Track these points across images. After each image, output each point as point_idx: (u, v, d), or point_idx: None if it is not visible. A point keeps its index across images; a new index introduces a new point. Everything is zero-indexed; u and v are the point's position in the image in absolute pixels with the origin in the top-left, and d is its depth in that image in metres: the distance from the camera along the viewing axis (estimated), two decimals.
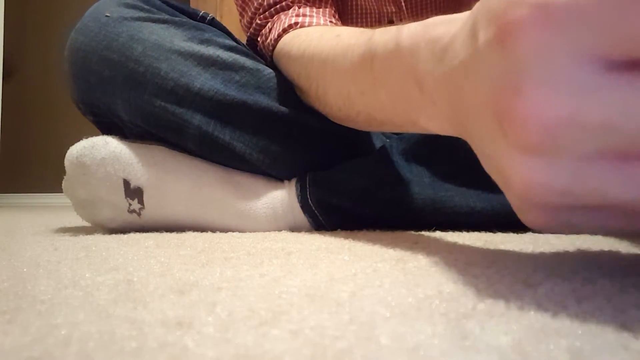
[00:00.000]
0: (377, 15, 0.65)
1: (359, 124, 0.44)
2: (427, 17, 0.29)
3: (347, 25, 0.63)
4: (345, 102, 0.44)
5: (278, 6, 0.57)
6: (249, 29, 0.60)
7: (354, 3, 0.64)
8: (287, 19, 0.55)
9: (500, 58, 0.18)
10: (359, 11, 0.64)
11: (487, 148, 0.21)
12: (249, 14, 0.60)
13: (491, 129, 0.19)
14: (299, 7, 0.56)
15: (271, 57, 0.57)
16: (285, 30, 0.54)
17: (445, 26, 0.28)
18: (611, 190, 0.16)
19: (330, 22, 0.55)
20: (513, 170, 0.18)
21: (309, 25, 0.54)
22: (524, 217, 0.20)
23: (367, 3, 0.64)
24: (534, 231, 0.50)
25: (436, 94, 0.28)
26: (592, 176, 0.17)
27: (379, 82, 0.36)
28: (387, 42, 0.34)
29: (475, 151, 0.23)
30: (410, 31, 0.31)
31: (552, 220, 0.20)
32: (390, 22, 0.65)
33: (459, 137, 0.27)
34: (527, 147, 0.17)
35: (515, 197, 0.19)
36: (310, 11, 0.55)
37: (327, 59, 0.44)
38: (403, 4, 0.63)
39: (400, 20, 0.64)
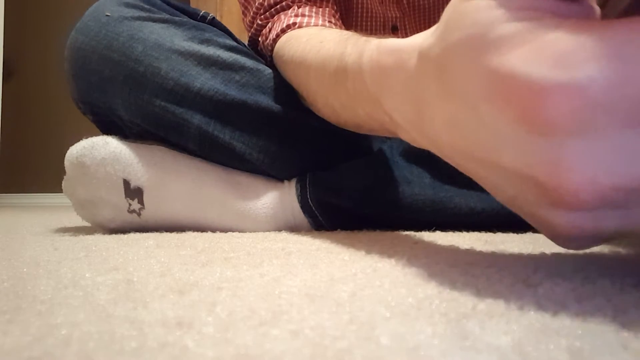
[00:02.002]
0: (381, 20, 0.64)
1: (351, 129, 0.44)
2: (432, 24, 0.28)
3: (352, 28, 0.63)
4: (332, 112, 0.43)
5: (278, 6, 0.57)
6: (251, 28, 0.60)
7: (359, 6, 0.63)
8: (286, 19, 0.55)
9: (519, 131, 0.16)
10: (364, 15, 0.64)
11: (518, 203, 0.20)
12: (251, 13, 0.60)
13: (521, 191, 0.18)
14: (299, 7, 0.56)
15: (271, 57, 0.57)
16: (283, 31, 0.54)
17: (393, 56, 0.27)
18: None
19: (329, 22, 0.55)
20: (559, 223, 0.18)
21: (306, 26, 0.53)
22: (567, 247, 0.20)
23: (372, 6, 0.64)
24: (534, 231, 0.50)
25: (414, 132, 0.26)
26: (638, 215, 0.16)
27: (354, 99, 0.35)
28: (355, 62, 0.33)
29: (492, 194, 0.22)
30: (369, 54, 0.30)
31: (597, 243, 0.20)
32: (394, 28, 0.65)
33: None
34: (578, 208, 0.16)
35: (562, 241, 0.19)
36: (309, 11, 0.55)
37: (310, 67, 0.44)
38: (407, 9, 0.63)
39: (404, 25, 0.64)
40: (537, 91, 0.15)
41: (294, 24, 0.54)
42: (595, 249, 0.35)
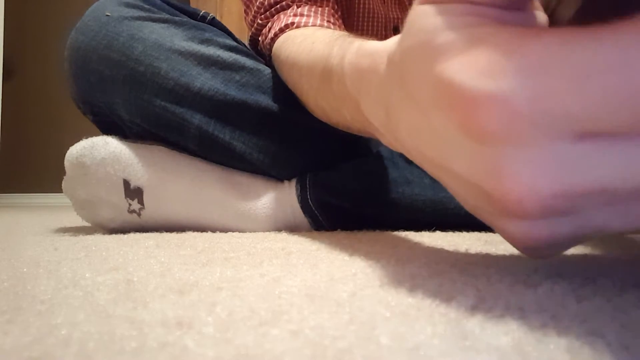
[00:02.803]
0: (383, 20, 0.64)
1: (343, 130, 0.43)
2: None
3: (354, 29, 0.63)
4: (322, 113, 0.43)
5: (278, 6, 0.57)
6: (252, 27, 0.60)
7: (361, 7, 0.63)
8: (285, 19, 0.55)
9: (464, 139, 0.16)
10: (366, 15, 0.64)
11: (479, 212, 0.20)
12: (252, 12, 0.60)
13: (477, 201, 0.18)
14: (298, 7, 0.56)
15: (270, 57, 0.57)
16: (282, 30, 0.54)
17: (369, 59, 0.26)
18: (615, 226, 0.16)
19: (328, 21, 0.55)
20: (509, 231, 0.18)
21: (304, 25, 0.53)
22: (533, 256, 0.20)
23: (374, 7, 0.64)
24: None
25: (388, 136, 0.26)
26: (594, 220, 0.16)
27: (338, 101, 0.35)
28: (338, 64, 0.33)
29: (460, 202, 0.21)
30: (350, 56, 0.30)
31: (558, 252, 0.20)
32: (396, 29, 0.65)
33: None
34: (526, 218, 0.16)
35: (524, 251, 0.19)
36: (308, 10, 0.55)
37: (302, 69, 0.44)
38: (409, 10, 0.63)
39: None
40: (470, 100, 0.15)
41: (292, 23, 0.53)
42: (595, 249, 0.35)
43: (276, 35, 0.54)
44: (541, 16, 0.19)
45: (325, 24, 0.54)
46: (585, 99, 0.13)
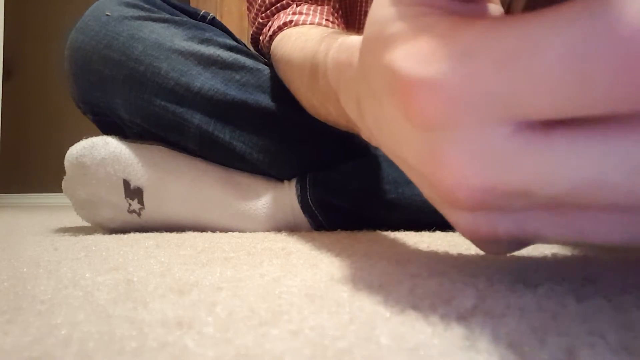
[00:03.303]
0: None
1: (335, 127, 0.43)
2: None
3: (355, 28, 0.63)
4: (314, 110, 0.43)
5: (279, 4, 0.57)
6: (253, 26, 0.60)
7: (363, 5, 0.63)
8: (284, 17, 0.55)
9: (409, 126, 0.16)
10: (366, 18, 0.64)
11: (433, 202, 0.20)
12: (254, 11, 0.60)
13: (427, 191, 0.18)
14: (297, 5, 0.56)
15: (269, 55, 0.57)
16: (280, 28, 0.54)
17: (347, 53, 0.27)
18: (549, 234, 0.16)
19: (327, 20, 0.55)
20: (455, 222, 0.18)
21: (302, 24, 0.53)
22: (486, 250, 0.20)
23: None
24: None
25: (364, 130, 0.26)
26: (530, 223, 0.16)
27: (325, 97, 0.35)
28: (323, 60, 0.33)
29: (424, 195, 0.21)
30: (332, 51, 0.30)
31: (509, 250, 0.19)
32: None
33: None
34: (462, 209, 0.16)
35: (475, 243, 0.19)
36: (307, 9, 0.55)
37: (294, 67, 0.44)
38: None
39: None
40: (409, 86, 0.15)
41: (290, 21, 0.53)
42: (595, 249, 0.35)
43: (275, 34, 0.54)
44: (495, 8, 0.19)
45: (324, 22, 0.54)
46: (509, 82, 0.13)
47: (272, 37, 0.54)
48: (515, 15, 0.14)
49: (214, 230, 0.53)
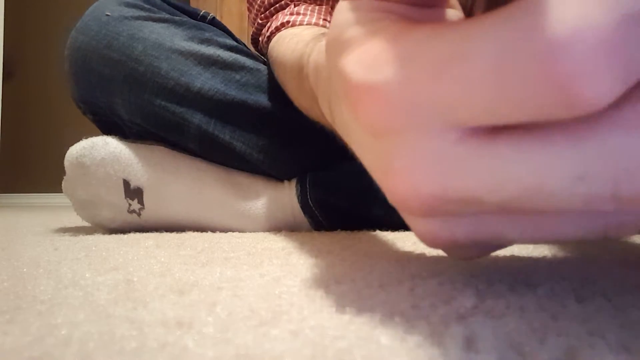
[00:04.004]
0: None
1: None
2: None
3: None
4: (306, 112, 0.43)
5: (277, 5, 0.57)
6: (253, 27, 0.60)
7: None
8: (282, 18, 0.55)
9: (362, 132, 0.16)
10: None
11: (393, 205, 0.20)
12: (254, 12, 0.60)
13: (388, 196, 0.18)
14: (295, 6, 0.56)
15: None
16: (277, 29, 0.54)
17: (322, 55, 0.27)
18: (509, 236, 0.16)
19: (325, 19, 0.55)
20: (414, 229, 0.18)
21: (299, 24, 0.53)
22: (452, 256, 0.20)
23: None
24: None
25: (339, 131, 0.25)
26: (489, 226, 0.16)
27: (309, 98, 0.35)
28: (306, 61, 0.33)
29: None
30: (314, 53, 0.30)
31: (476, 255, 0.19)
32: None
33: None
34: (416, 215, 0.16)
35: (431, 247, 0.19)
36: (305, 9, 0.55)
37: (286, 69, 0.44)
38: None
39: None
40: (356, 91, 0.15)
41: (287, 22, 0.53)
42: (595, 249, 0.35)
43: (272, 34, 0.54)
44: (455, 14, 0.19)
45: (322, 22, 0.54)
46: (443, 89, 0.13)
47: (269, 38, 0.55)
48: (456, 21, 0.13)
49: (214, 230, 0.53)
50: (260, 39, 0.59)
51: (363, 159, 0.17)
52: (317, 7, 0.55)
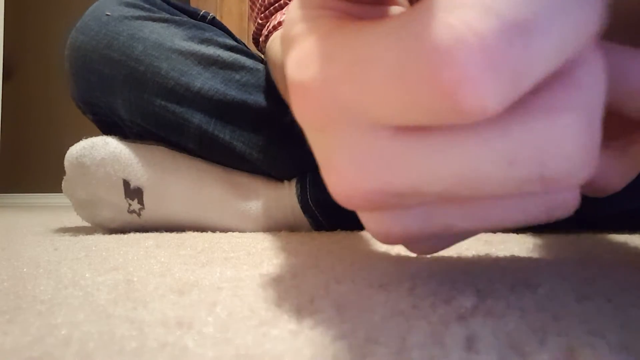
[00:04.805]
0: None
1: None
2: None
3: None
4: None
5: (277, 4, 0.57)
6: (254, 27, 0.60)
7: None
8: (279, 17, 0.55)
9: (306, 130, 0.16)
10: None
11: None
12: (255, 12, 0.60)
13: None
14: None
15: None
16: (275, 28, 0.54)
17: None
18: (458, 225, 0.16)
19: None
20: (366, 225, 0.18)
21: None
22: (411, 250, 0.20)
23: None
24: (534, 231, 0.50)
25: None
26: (438, 217, 0.16)
27: None
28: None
29: None
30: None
31: (434, 248, 0.20)
32: None
33: None
34: (361, 209, 0.16)
35: (384, 242, 0.19)
36: None
37: (276, 69, 0.44)
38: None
39: None
40: (293, 88, 0.15)
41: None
42: (596, 249, 0.35)
43: (270, 33, 0.54)
44: (399, 10, 0.19)
45: None
46: (357, 89, 0.13)
47: (267, 38, 0.55)
48: (376, 20, 0.13)
49: (214, 230, 0.53)
50: (260, 38, 0.59)
51: (315, 155, 0.17)
52: None
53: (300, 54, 0.15)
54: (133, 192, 0.52)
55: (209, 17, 0.60)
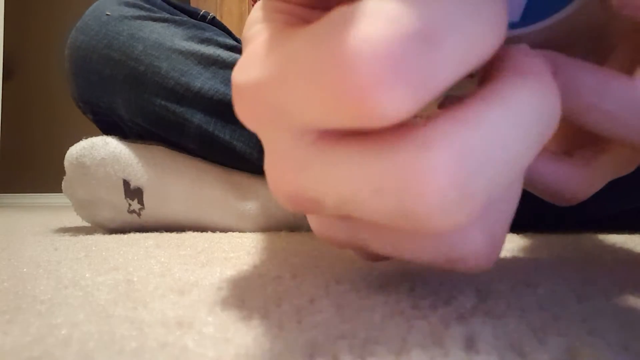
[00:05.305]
0: None
1: None
2: None
3: None
4: None
5: None
6: None
7: None
8: None
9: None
10: None
11: None
12: None
13: None
14: None
15: None
16: None
17: None
18: (372, 246, 0.16)
19: None
20: (309, 223, 0.18)
21: None
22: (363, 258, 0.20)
23: None
24: (534, 231, 0.50)
25: None
26: (359, 234, 0.16)
27: None
28: None
29: None
30: None
31: (373, 258, 0.20)
32: None
33: None
34: (292, 211, 0.16)
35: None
36: None
37: None
38: None
39: None
40: (232, 90, 0.15)
41: None
42: (596, 249, 0.35)
43: None
44: None
45: None
46: (279, 92, 0.13)
47: None
48: (301, 27, 0.14)
49: (214, 230, 0.53)
50: None
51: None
52: None
53: (243, 57, 0.15)
54: (133, 192, 0.52)
55: (209, 17, 0.60)
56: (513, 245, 0.37)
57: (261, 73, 0.14)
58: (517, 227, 0.51)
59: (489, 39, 0.12)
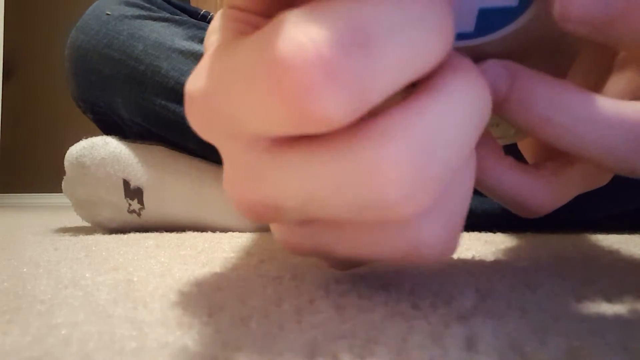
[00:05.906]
0: None
1: None
2: None
3: None
4: None
5: None
6: None
7: None
8: None
9: None
10: None
11: None
12: None
13: None
14: None
15: None
16: None
17: None
18: (337, 249, 0.16)
19: None
20: (273, 233, 0.18)
21: None
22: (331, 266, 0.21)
23: None
24: (533, 231, 0.50)
25: None
26: (323, 237, 0.16)
27: None
28: None
29: None
30: None
31: (341, 266, 0.20)
32: None
33: None
34: (253, 221, 0.16)
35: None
36: None
37: None
38: None
39: None
40: (185, 99, 0.15)
41: None
42: (596, 249, 0.35)
43: None
44: None
45: None
46: (226, 100, 0.13)
47: None
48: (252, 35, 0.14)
49: (214, 230, 0.53)
50: None
51: None
52: None
53: (197, 67, 0.15)
54: (133, 192, 0.52)
55: (209, 17, 0.60)
56: (513, 245, 0.37)
57: (208, 82, 0.14)
58: (517, 227, 0.51)
59: (435, 46, 0.12)
